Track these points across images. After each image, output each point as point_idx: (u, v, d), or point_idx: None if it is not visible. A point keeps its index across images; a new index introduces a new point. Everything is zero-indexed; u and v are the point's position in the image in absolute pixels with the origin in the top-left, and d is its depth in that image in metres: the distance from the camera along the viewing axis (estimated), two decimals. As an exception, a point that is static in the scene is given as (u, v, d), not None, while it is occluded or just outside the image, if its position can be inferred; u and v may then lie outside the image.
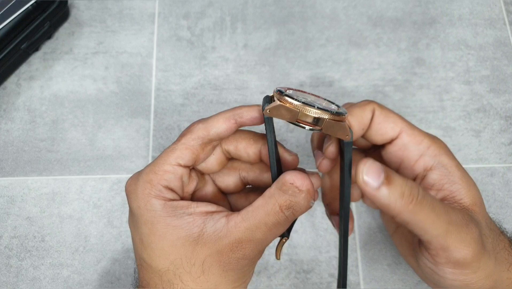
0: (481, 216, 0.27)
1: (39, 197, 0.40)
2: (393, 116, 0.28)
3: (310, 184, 0.25)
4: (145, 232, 0.26)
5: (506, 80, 0.44)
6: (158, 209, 0.26)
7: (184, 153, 0.27)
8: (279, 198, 0.25)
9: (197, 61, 0.45)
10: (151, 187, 0.26)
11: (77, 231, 0.39)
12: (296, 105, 0.24)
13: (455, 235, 0.24)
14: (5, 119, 0.43)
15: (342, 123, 0.25)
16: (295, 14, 0.47)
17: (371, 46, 0.45)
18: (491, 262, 0.26)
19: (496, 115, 0.43)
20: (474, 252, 0.24)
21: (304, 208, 0.25)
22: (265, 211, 0.25)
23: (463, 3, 0.47)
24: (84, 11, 0.47)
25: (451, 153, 0.28)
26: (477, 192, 0.27)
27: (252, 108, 0.27)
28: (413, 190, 0.23)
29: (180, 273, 0.26)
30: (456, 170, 0.27)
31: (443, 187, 0.27)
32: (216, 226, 0.26)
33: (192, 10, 0.47)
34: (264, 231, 0.25)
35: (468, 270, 0.25)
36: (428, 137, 0.28)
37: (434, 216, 0.24)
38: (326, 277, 0.38)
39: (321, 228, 0.39)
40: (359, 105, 0.28)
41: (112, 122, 0.43)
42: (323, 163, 0.29)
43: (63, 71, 0.45)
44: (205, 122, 0.28)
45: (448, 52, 0.45)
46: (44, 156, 0.42)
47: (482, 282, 0.26)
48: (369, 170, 0.23)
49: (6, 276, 0.38)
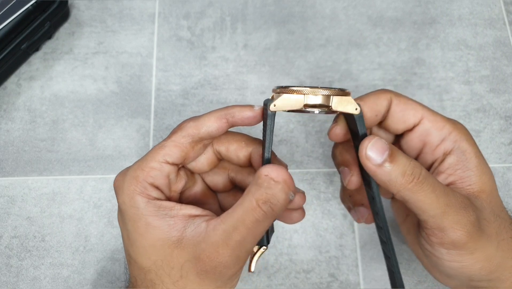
0: (487, 202, 0.26)
1: (39, 197, 0.40)
2: (413, 103, 0.28)
3: (287, 174, 0.24)
4: (130, 229, 0.26)
5: (506, 80, 0.44)
6: (141, 206, 0.26)
7: (173, 150, 0.27)
8: (256, 192, 0.24)
9: (197, 61, 0.45)
10: (136, 183, 0.26)
11: (77, 231, 0.39)
12: (300, 90, 0.24)
13: (452, 216, 0.25)
14: (6, 119, 0.43)
15: (349, 97, 0.25)
16: (295, 14, 0.47)
17: (371, 46, 0.45)
18: (491, 246, 0.26)
19: (496, 115, 0.43)
20: (469, 233, 0.25)
21: (282, 200, 0.24)
22: (242, 209, 0.24)
23: (463, 3, 0.47)
24: (84, 11, 0.47)
25: (472, 139, 0.28)
26: (489, 180, 0.27)
27: (244, 108, 0.27)
28: (415, 170, 0.24)
29: (161, 274, 0.25)
30: (474, 157, 0.27)
31: (456, 172, 0.27)
32: (196, 230, 0.25)
33: (192, 10, 0.47)
34: (242, 232, 0.24)
35: (463, 251, 0.26)
36: (450, 123, 0.27)
37: (433, 197, 0.24)
38: (326, 277, 0.38)
39: (321, 228, 0.39)
40: (373, 93, 0.28)
41: (112, 122, 0.43)
42: (352, 180, 0.28)
43: (63, 71, 0.45)
44: (196, 120, 0.27)
45: (448, 52, 0.45)
46: (44, 156, 0.42)
47: (481, 265, 0.26)
48: (373, 146, 0.24)
49: (7, 276, 0.38)
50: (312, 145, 0.42)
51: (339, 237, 0.39)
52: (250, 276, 0.38)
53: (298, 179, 0.41)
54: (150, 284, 0.26)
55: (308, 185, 0.41)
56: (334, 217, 0.40)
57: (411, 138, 0.29)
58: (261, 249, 0.27)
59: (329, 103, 0.25)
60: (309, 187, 0.41)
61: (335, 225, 0.39)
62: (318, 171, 0.41)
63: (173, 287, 0.25)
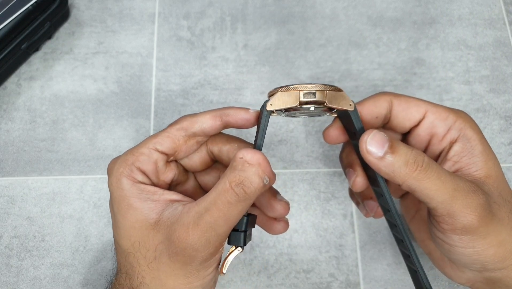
0: (494, 187, 0.27)
1: (39, 197, 0.40)
2: (414, 100, 0.28)
3: (262, 158, 0.24)
4: (115, 210, 0.27)
5: (506, 80, 0.44)
6: (126, 188, 0.27)
7: (165, 140, 0.28)
8: (230, 175, 0.24)
9: (197, 61, 0.45)
10: (125, 166, 0.27)
11: (78, 230, 0.39)
12: (294, 86, 0.25)
13: (461, 200, 0.24)
14: (6, 119, 0.43)
15: (342, 92, 0.25)
16: (295, 14, 0.47)
17: (371, 46, 0.45)
18: (504, 230, 0.26)
19: (496, 115, 0.43)
20: (480, 217, 0.25)
21: (256, 184, 0.24)
22: (216, 191, 0.24)
23: (463, 3, 0.47)
24: (85, 11, 0.47)
25: (476, 126, 0.28)
26: (495, 165, 0.27)
27: (240, 109, 0.28)
28: (418, 158, 0.24)
29: (138, 256, 0.26)
30: (479, 144, 0.27)
31: (461, 159, 0.27)
32: (172, 212, 0.25)
33: (192, 10, 0.47)
34: (213, 213, 0.24)
35: (475, 236, 0.25)
36: (453, 112, 0.28)
37: (439, 183, 0.24)
38: (326, 277, 0.38)
39: (321, 228, 0.39)
40: (371, 97, 0.29)
41: (112, 122, 0.43)
42: (357, 181, 0.29)
43: (63, 71, 0.45)
44: (193, 116, 0.28)
45: (448, 52, 0.45)
46: (44, 155, 0.42)
47: (495, 250, 0.26)
48: (372, 140, 0.24)
49: (7, 275, 0.38)
50: (312, 145, 0.42)
51: (339, 237, 0.39)
52: (250, 276, 0.38)
53: (298, 179, 0.41)
54: (129, 267, 0.26)
55: (308, 185, 0.41)
56: (334, 217, 0.40)
57: (418, 133, 0.29)
58: (236, 250, 0.26)
59: (323, 99, 0.25)
60: (309, 187, 0.41)
61: (335, 225, 0.39)
62: (318, 171, 0.41)
63: (148, 269, 0.26)
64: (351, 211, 0.40)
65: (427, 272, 0.38)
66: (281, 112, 0.27)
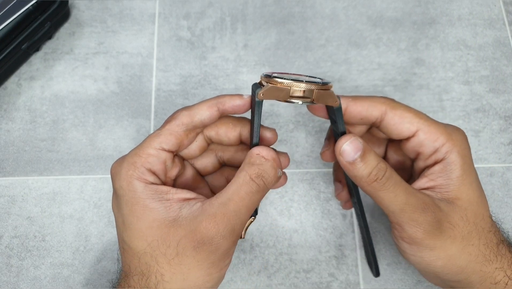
0: (461, 209, 0.28)
1: (39, 197, 0.40)
2: (409, 117, 0.29)
3: (275, 154, 0.27)
4: (126, 213, 0.27)
5: (506, 80, 0.44)
6: (139, 190, 0.27)
7: (169, 138, 0.28)
8: (249, 169, 0.27)
9: (197, 61, 0.45)
10: (134, 169, 0.27)
11: (78, 230, 0.39)
12: (287, 83, 0.26)
13: (408, 214, 0.27)
14: (6, 119, 0.43)
15: (330, 91, 0.27)
16: (295, 14, 0.47)
17: (370, 46, 0.45)
18: (454, 248, 0.28)
19: (496, 115, 0.43)
20: (425, 231, 0.27)
21: (273, 175, 0.27)
22: (237, 183, 0.27)
23: (462, 3, 0.47)
24: (85, 11, 0.47)
25: (464, 150, 0.29)
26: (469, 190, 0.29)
27: (234, 96, 0.29)
28: (380, 172, 0.27)
29: (156, 255, 0.26)
30: (458, 168, 0.28)
31: (437, 179, 0.29)
32: (191, 209, 0.27)
33: (192, 11, 0.47)
34: (237, 202, 0.26)
35: (422, 247, 0.28)
36: (444, 134, 0.29)
37: (392, 196, 0.27)
38: (326, 277, 0.38)
39: (321, 228, 0.39)
40: (369, 99, 0.29)
41: (112, 123, 0.43)
42: (342, 194, 0.35)
43: (63, 71, 0.45)
44: (189, 109, 0.29)
45: (448, 53, 0.45)
46: (44, 155, 0.42)
47: (443, 263, 0.28)
48: (348, 145, 0.27)
49: (7, 275, 0.38)
50: (312, 145, 0.42)
51: (339, 237, 0.39)
52: (250, 276, 0.38)
53: (298, 179, 0.41)
54: (145, 267, 0.27)
55: (308, 185, 0.41)
56: (334, 217, 0.40)
57: (406, 147, 0.30)
58: (251, 218, 0.29)
59: (312, 96, 0.26)
60: (309, 187, 0.41)
61: (335, 225, 0.40)
62: (318, 171, 0.41)
63: (168, 266, 0.26)
64: (351, 211, 0.40)
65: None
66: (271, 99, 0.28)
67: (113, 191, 0.29)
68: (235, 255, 0.39)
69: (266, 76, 0.27)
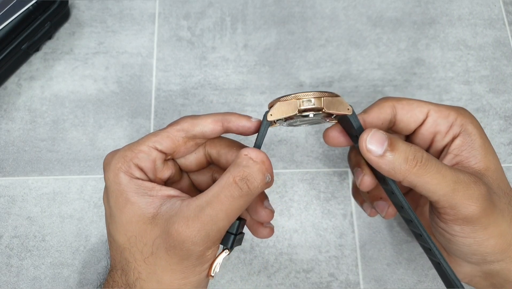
0: (493, 179, 0.27)
1: (39, 197, 0.40)
2: (416, 102, 0.29)
3: (266, 157, 0.25)
4: (112, 204, 0.27)
5: (506, 80, 0.44)
6: (123, 182, 0.27)
7: (164, 139, 0.28)
8: (234, 170, 0.25)
9: (197, 61, 0.45)
10: (123, 162, 0.27)
11: (78, 230, 0.39)
12: (293, 95, 0.26)
13: (462, 192, 0.25)
14: (6, 119, 0.43)
15: (339, 98, 0.26)
16: (295, 14, 0.47)
17: (370, 46, 0.45)
18: (505, 222, 0.26)
19: (496, 115, 0.43)
20: (481, 207, 0.25)
21: (260, 180, 0.25)
22: (218, 186, 0.25)
23: (462, 3, 0.47)
24: (85, 11, 0.47)
25: (476, 122, 0.29)
26: (494, 159, 0.28)
27: (242, 117, 0.28)
28: (417, 154, 0.25)
29: (134, 251, 0.26)
30: (478, 138, 0.28)
31: (461, 153, 0.28)
32: (170, 207, 0.26)
33: (192, 11, 0.47)
34: (215, 207, 0.24)
35: (477, 226, 0.26)
36: (454, 110, 0.29)
37: (439, 177, 0.25)
38: (326, 277, 0.38)
39: (321, 228, 0.39)
40: (375, 104, 0.30)
41: (112, 122, 0.43)
42: (364, 180, 0.29)
43: (63, 71, 0.45)
44: (194, 118, 0.28)
45: (448, 52, 0.45)
46: (44, 155, 0.42)
47: (495, 241, 0.26)
48: (372, 138, 0.25)
49: (7, 275, 0.38)
50: (312, 145, 0.42)
51: (339, 237, 0.39)
52: (250, 276, 0.38)
53: (298, 179, 0.41)
54: (125, 263, 0.26)
55: (308, 185, 0.41)
56: (334, 217, 0.40)
57: (421, 132, 0.30)
58: (224, 253, 0.27)
59: (321, 106, 0.26)
60: (309, 187, 0.41)
61: (335, 225, 0.40)
62: (318, 171, 0.41)
63: (144, 264, 0.26)
64: (351, 211, 0.40)
65: (427, 272, 0.38)
66: (282, 121, 0.27)
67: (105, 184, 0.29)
68: (235, 255, 0.39)
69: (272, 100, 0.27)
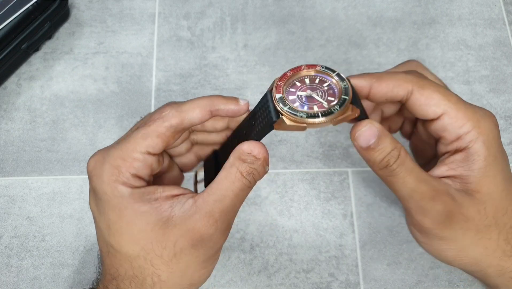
0: (481, 202, 0.27)
1: (39, 197, 0.40)
2: (437, 98, 0.27)
3: (265, 151, 0.27)
4: (113, 218, 0.26)
5: (506, 80, 0.44)
6: (126, 195, 0.26)
7: (155, 141, 0.27)
8: (240, 166, 0.26)
9: (197, 61, 0.45)
10: (118, 174, 0.26)
11: (78, 230, 0.39)
12: (302, 121, 0.25)
13: (416, 201, 0.27)
14: (6, 119, 0.43)
15: (347, 114, 0.25)
16: (295, 14, 0.47)
17: (371, 46, 0.45)
18: (466, 239, 0.27)
19: (496, 115, 0.43)
20: (432, 221, 0.27)
21: (262, 173, 0.27)
22: (229, 180, 0.26)
23: (462, 3, 0.47)
24: (85, 11, 0.47)
25: (491, 139, 0.27)
26: (491, 184, 0.27)
27: (229, 101, 0.28)
28: (391, 159, 0.26)
29: (151, 258, 0.26)
30: (482, 160, 0.27)
31: (457, 169, 0.28)
32: (184, 207, 0.26)
33: (192, 10, 0.47)
34: (231, 198, 0.26)
35: (431, 235, 0.28)
36: (472, 120, 0.27)
37: (400, 182, 0.27)
38: (326, 277, 0.38)
39: (321, 228, 0.39)
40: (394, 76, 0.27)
41: (112, 122, 0.43)
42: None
43: (63, 71, 0.45)
44: (180, 109, 0.27)
45: (448, 52, 0.45)
46: (44, 155, 0.42)
47: (454, 253, 0.28)
48: (365, 132, 0.26)
49: (7, 275, 0.38)
50: (312, 145, 0.42)
51: (339, 237, 0.39)
52: (250, 276, 0.38)
53: (298, 179, 0.41)
54: (138, 271, 0.26)
55: (308, 185, 0.41)
56: (334, 217, 0.40)
57: (429, 128, 0.29)
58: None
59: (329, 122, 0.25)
60: (309, 187, 0.41)
61: (335, 225, 0.40)
62: (318, 171, 0.41)
63: (165, 267, 0.26)
64: (351, 211, 0.40)
65: (427, 272, 0.38)
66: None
67: (92, 192, 0.27)
68: (235, 255, 0.39)
69: (280, 100, 0.26)
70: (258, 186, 0.41)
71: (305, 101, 0.26)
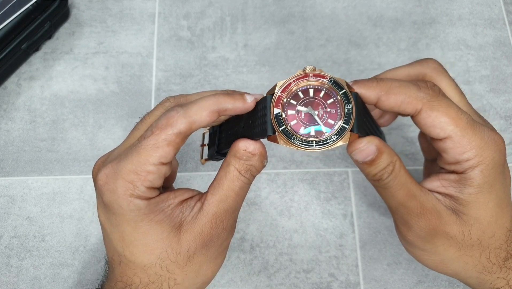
0: (466, 224, 0.27)
1: (39, 197, 0.40)
2: (444, 122, 0.26)
3: (261, 146, 0.27)
4: (128, 231, 0.26)
5: (506, 80, 0.44)
6: (142, 207, 0.26)
7: (167, 150, 0.26)
8: (237, 164, 0.27)
9: (197, 61, 0.45)
10: (133, 188, 0.26)
11: (78, 230, 0.39)
12: (295, 145, 0.25)
13: (401, 215, 0.28)
14: (6, 119, 0.43)
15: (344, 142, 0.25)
16: (295, 14, 0.47)
17: (371, 46, 0.45)
18: (447, 254, 0.28)
19: (496, 115, 0.43)
20: (414, 235, 0.28)
21: (260, 168, 0.28)
22: (228, 179, 0.27)
23: (463, 3, 0.47)
24: (85, 11, 0.47)
25: (491, 168, 0.26)
26: (481, 210, 0.27)
27: (236, 101, 0.27)
28: (384, 174, 0.27)
29: (166, 264, 0.27)
30: (475, 187, 0.27)
31: (448, 188, 0.28)
32: (193, 211, 0.27)
33: (192, 10, 0.47)
34: (233, 197, 0.27)
35: (412, 245, 0.29)
36: (475, 149, 0.26)
37: (389, 195, 0.28)
38: (326, 277, 0.38)
39: (321, 228, 0.39)
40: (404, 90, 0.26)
41: (112, 122, 0.43)
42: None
43: (63, 71, 0.45)
44: (186, 114, 0.26)
45: (448, 52, 0.45)
46: (44, 155, 0.42)
47: (435, 264, 0.29)
48: (363, 150, 0.26)
49: (7, 275, 0.38)
50: (312, 145, 0.42)
51: (339, 237, 0.39)
52: (250, 276, 0.38)
53: (298, 179, 0.41)
54: (154, 277, 0.27)
55: (308, 185, 0.41)
56: (334, 217, 0.40)
57: (431, 141, 0.28)
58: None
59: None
60: (309, 187, 0.41)
61: (335, 225, 0.39)
62: (318, 171, 0.41)
63: (180, 270, 0.27)
64: (351, 211, 0.40)
65: (427, 272, 0.38)
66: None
67: (102, 204, 0.27)
68: (235, 255, 0.39)
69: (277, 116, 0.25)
70: (258, 186, 0.41)
71: (303, 120, 0.25)
